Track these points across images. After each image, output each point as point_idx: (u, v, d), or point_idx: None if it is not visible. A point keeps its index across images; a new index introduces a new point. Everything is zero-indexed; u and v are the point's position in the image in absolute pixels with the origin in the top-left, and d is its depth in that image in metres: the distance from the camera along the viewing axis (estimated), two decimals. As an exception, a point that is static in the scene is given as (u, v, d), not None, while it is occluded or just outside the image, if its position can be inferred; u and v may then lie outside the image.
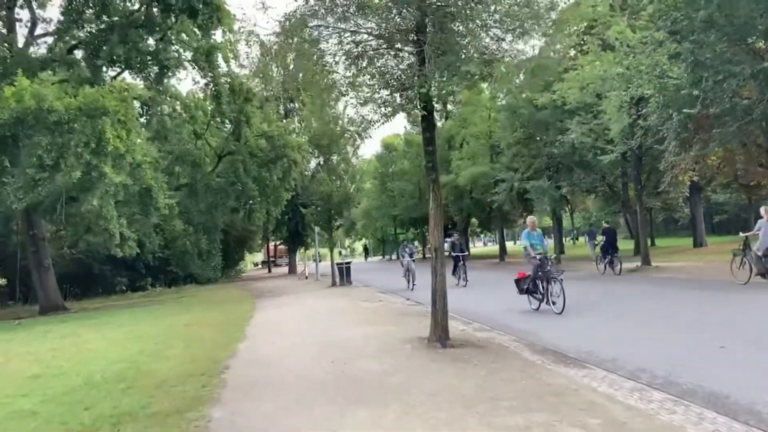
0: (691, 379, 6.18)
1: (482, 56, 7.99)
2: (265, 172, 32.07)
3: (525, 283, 12.67)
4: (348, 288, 24.60)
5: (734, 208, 46.35)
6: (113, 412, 6.46)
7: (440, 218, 8.86)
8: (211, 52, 26.34)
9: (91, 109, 19.31)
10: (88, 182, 19.53)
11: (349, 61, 8.92)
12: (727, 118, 15.67)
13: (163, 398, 6.90)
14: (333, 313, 14.87)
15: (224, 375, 8.02)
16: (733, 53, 14.20)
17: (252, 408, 6.19)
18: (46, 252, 25.67)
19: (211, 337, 12.13)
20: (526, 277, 12.66)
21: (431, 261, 9.12)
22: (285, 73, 29.84)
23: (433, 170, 8.89)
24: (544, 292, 12.10)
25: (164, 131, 28.68)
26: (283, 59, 9.75)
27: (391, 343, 9.36)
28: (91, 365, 9.67)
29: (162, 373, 8.40)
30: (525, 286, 12.63)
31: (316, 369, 7.83)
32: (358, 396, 6.25)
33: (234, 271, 52.56)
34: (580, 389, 5.99)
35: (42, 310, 24.54)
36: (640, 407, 5.33)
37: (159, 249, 32.06)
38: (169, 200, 23.92)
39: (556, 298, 11.71)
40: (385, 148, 63.28)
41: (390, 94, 8.75)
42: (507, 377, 6.63)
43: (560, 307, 11.53)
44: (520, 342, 9.05)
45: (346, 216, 31.26)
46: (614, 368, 6.94)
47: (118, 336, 13.59)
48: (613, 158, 22.10)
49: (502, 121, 32.48)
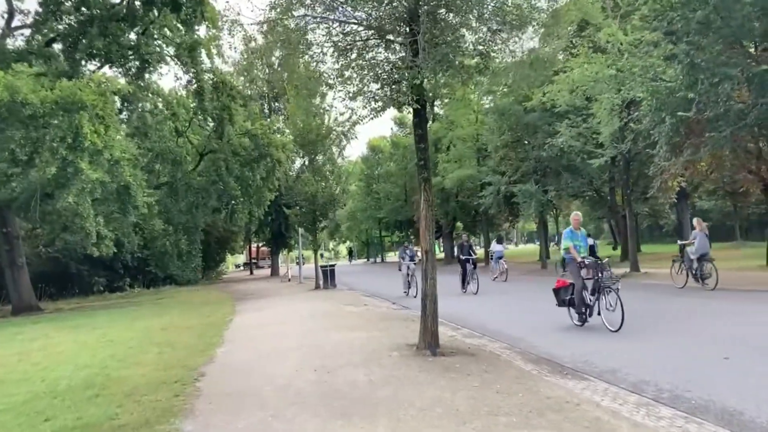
0: (699, 393, 5.78)
1: (478, 48, 7.56)
2: (248, 172, 31.42)
3: (566, 292, 10.61)
4: (332, 291, 24.10)
5: (719, 215, 46.41)
6: (76, 423, 5.94)
7: (432, 219, 8.41)
8: (195, 48, 25.70)
9: (68, 103, 18.64)
10: (63, 178, 18.87)
11: (338, 53, 8.46)
12: (720, 123, 15.40)
13: (132, 408, 6.38)
14: (316, 317, 14.36)
15: (199, 383, 7.51)
16: (728, 56, 13.93)
17: (227, 421, 5.68)
18: (20, 250, 24.89)
19: (187, 341, 11.57)
20: (567, 285, 10.61)
21: (422, 264, 8.66)
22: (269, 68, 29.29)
23: (425, 168, 8.44)
24: (591, 304, 10.12)
25: (144, 128, 27.92)
26: (268, 51, 9.28)
27: (378, 350, 8.88)
28: (58, 370, 9.09)
29: (133, 381, 7.86)
30: (566, 297, 10.59)
31: (298, 378, 7.33)
32: (343, 410, 5.76)
33: (215, 272, 51.79)
34: (581, 404, 5.56)
35: (14, 311, 23.81)
36: (648, 425, 4.91)
37: (138, 249, 31.35)
38: (148, 198, 23.25)
39: (610, 313, 9.69)
40: (371, 150, 62.95)
41: (381, 87, 8.29)
42: (502, 389, 6.18)
43: (616, 322, 9.41)
44: (511, 350, 8.63)
45: (330, 218, 30.73)
46: (615, 380, 6.53)
47: (91, 339, 12.98)
48: (603, 162, 21.83)
49: (490, 123, 32.17)
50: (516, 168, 29.47)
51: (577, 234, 10.67)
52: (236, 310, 18.30)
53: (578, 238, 10.61)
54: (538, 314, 12.68)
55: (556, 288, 10.91)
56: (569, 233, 10.65)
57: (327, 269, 26.33)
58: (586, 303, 10.16)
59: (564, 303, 10.68)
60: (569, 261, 10.56)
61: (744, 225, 44.62)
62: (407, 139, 53.57)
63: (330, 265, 27.21)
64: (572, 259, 10.35)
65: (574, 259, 10.28)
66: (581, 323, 10.28)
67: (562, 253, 11.09)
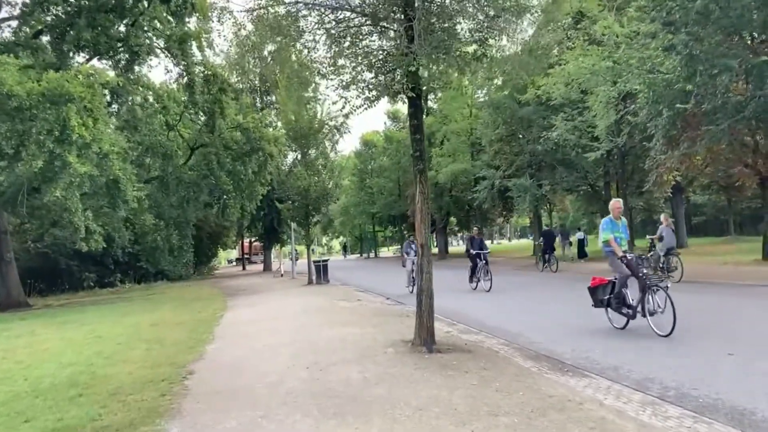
0: (706, 390, 5.56)
1: (475, 35, 7.30)
2: (240, 166, 31.05)
3: (604, 292, 9.38)
4: (325, 286, 23.87)
5: (712, 209, 46.45)
6: (56, 425, 5.68)
7: (427, 212, 8.16)
8: (185, 40, 25.28)
9: (55, 95, 18.25)
10: (50, 172, 18.50)
11: (330, 41, 8.19)
12: (718, 115, 15.24)
13: (117, 409, 6.12)
14: (309, 313, 14.11)
15: (187, 381, 7.25)
16: (727, 47, 13.73)
17: (215, 421, 5.43)
18: (8, 245, 24.52)
19: (177, 337, 11.30)
20: (606, 283, 9.41)
21: (417, 258, 8.42)
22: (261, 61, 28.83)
23: (420, 160, 8.18)
24: (635, 304, 8.81)
25: (134, 121, 27.49)
26: (259, 43, 9.00)
27: (372, 346, 8.64)
28: (42, 369, 8.82)
29: (119, 379, 7.60)
30: (604, 297, 9.35)
31: (290, 376, 7.08)
32: (336, 409, 5.52)
33: (207, 268, 51.50)
34: (584, 402, 5.33)
35: (2, 307, 23.45)
36: (656, 425, 4.68)
37: (129, 244, 31.01)
38: (138, 193, 22.88)
39: (658, 314, 8.41)
40: (364, 144, 62.70)
41: (375, 76, 8.02)
42: (502, 387, 5.95)
43: (666, 326, 8.14)
44: (509, 346, 8.40)
45: (323, 212, 30.46)
46: (618, 377, 6.31)
47: (78, 336, 12.69)
48: (598, 156, 21.64)
49: (484, 117, 31.95)
50: (511, 162, 29.28)
51: (617, 224, 9.32)
52: (228, 305, 18.05)
53: (618, 229, 9.30)
54: (538, 311, 12.50)
55: (592, 286, 9.66)
56: (608, 223, 9.30)
57: (320, 264, 26.11)
58: (628, 303, 8.93)
59: (601, 304, 9.42)
60: (609, 255, 9.35)
61: (737, 219, 44.65)
62: (401, 134, 53.38)
63: (323, 261, 26.98)
64: (612, 253, 9.12)
65: (615, 253, 9.02)
66: (623, 326, 9.11)
67: (600, 246, 9.68)
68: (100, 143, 19.40)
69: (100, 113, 19.99)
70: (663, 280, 8.75)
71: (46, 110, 18.06)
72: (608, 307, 9.32)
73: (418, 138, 8.18)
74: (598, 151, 21.25)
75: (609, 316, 9.41)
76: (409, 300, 14.53)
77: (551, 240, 24.61)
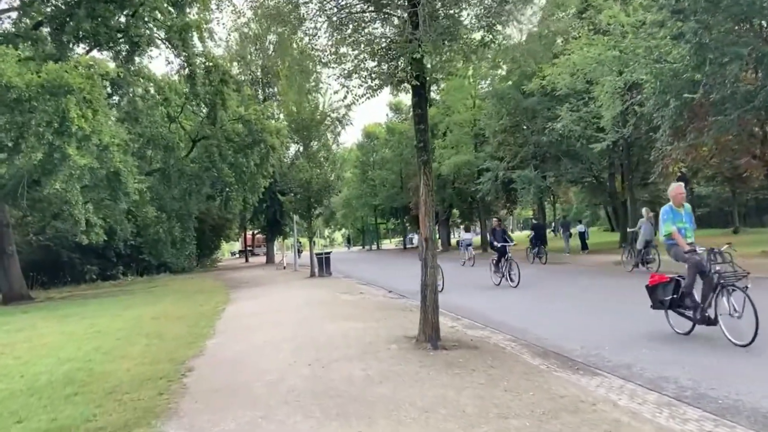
0: (725, 391, 5.34)
1: (482, 20, 7.05)
2: (242, 158, 30.78)
3: (666, 291, 7.98)
4: (327, 279, 23.71)
5: (716, 201, 46.08)
6: (49, 426, 5.49)
7: (432, 204, 7.92)
8: (186, 30, 24.97)
9: (54, 87, 18.00)
10: (50, 164, 18.28)
11: (332, 29, 7.95)
12: (726, 105, 14.95)
13: (112, 408, 5.93)
14: (311, 307, 13.93)
15: (186, 379, 7.07)
16: (738, 35, 13.43)
17: (213, 423, 5.24)
18: (9, 238, 24.38)
19: (178, 332, 11.13)
20: (667, 281, 8.03)
21: (420, 251, 8.19)
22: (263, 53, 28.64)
23: (425, 150, 7.95)
24: (706, 306, 7.43)
25: (135, 113, 27.19)
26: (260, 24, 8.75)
27: (375, 342, 8.44)
28: (40, 365, 8.64)
29: (116, 376, 7.41)
30: (666, 297, 7.94)
31: (291, 373, 6.89)
32: (339, 410, 5.32)
33: (209, 260, 51.43)
34: (597, 403, 5.12)
35: (5, 300, 23.38)
36: (674, 428, 4.47)
37: (131, 236, 30.84)
38: (139, 185, 22.64)
39: (734, 319, 7.04)
40: (366, 136, 62.39)
41: (378, 64, 7.78)
42: (510, 387, 5.74)
43: (746, 334, 6.81)
44: (517, 342, 8.19)
45: (325, 204, 30.27)
46: (630, 376, 6.10)
47: (78, 330, 12.53)
48: (604, 147, 21.35)
49: (488, 108, 31.64)
50: (515, 153, 28.99)
51: (680, 213, 8.00)
52: (230, 298, 17.90)
53: (682, 218, 7.97)
54: (541, 306, 12.30)
55: (651, 285, 8.28)
56: (669, 212, 7.97)
57: (322, 257, 25.97)
58: (696, 304, 7.57)
59: (662, 305, 8.07)
60: (671, 248, 7.97)
61: (741, 211, 44.28)
62: (403, 125, 53.05)
63: (325, 253, 26.82)
64: (676, 245, 7.83)
65: (680, 246, 7.71)
66: (687, 332, 7.84)
67: (662, 239, 8.26)
68: (100, 135, 19.16)
69: (100, 105, 19.74)
70: (740, 279, 7.28)
71: (45, 102, 17.82)
72: (670, 309, 7.99)
73: (422, 128, 7.95)
74: (603, 142, 20.96)
75: (670, 320, 8.10)
76: (411, 293, 14.35)
77: (541, 233, 25.10)
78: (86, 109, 18.76)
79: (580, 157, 26.76)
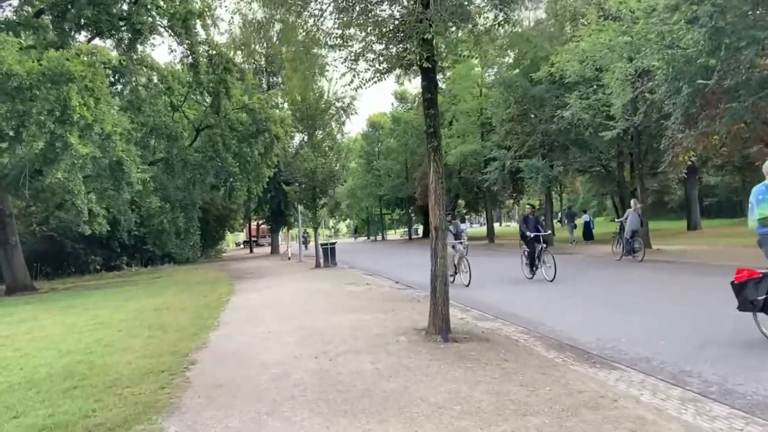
0: (753, 386, 5.08)
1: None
2: (246, 148, 30.50)
3: (758, 289, 6.49)
4: (332, 270, 23.51)
5: (725, 191, 45.69)
6: (46, 422, 5.26)
7: (442, 192, 7.65)
8: (189, 18, 24.62)
9: (56, 75, 17.72)
10: (52, 153, 18.06)
11: (338, 11, 7.66)
12: (741, 92, 14.57)
13: (112, 403, 5.71)
14: (317, 298, 13.72)
15: (189, 372, 6.84)
16: (755, 18, 13.05)
17: (216, 419, 5.01)
18: (13, 229, 24.23)
19: (181, 324, 10.90)
20: (759, 277, 6.54)
21: (431, 242, 7.92)
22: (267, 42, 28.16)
23: (435, 136, 7.67)
24: None
25: (138, 101, 26.91)
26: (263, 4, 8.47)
27: (383, 334, 8.20)
28: (40, 357, 8.44)
29: (117, 369, 7.19)
30: (759, 297, 6.45)
31: (297, 367, 6.66)
32: (348, 406, 5.08)
33: (214, 250, 51.30)
34: (619, 399, 4.87)
35: (8, 291, 23.27)
36: (703, 426, 4.22)
37: (135, 227, 30.70)
38: (142, 175, 22.41)
39: None
40: (371, 126, 62.06)
41: (386, 47, 7.50)
42: (526, 381, 5.50)
43: None
44: (529, 334, 7.93)
45: (330, 194, 30.03)
46: (651, 370, 5.84)
47: (80, 321, 12.32)
48: (614, 135, 20.98)
49: (495, 97, 31.21)
50: (522, 142, 28.58)
51: None
52: (234, 289, 17.69)
53: None
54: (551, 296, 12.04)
55: (737, 282, 6.72)
56: (764, 191, 6.55)
57: (327, 247, 25.76)
58: None
59: (752, 306, 6.57)
60: (766, 238, 6.57)
61: (751, 201, 43.85)
62: (408, 115, 52.68)
63: (331, 243, 26.60)
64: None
65: None
66: None
67: (753, 225, 6.73)
68: (102, 124, 18.90)
69: (102, 93, 19.46)
70: None
71: (46, 90, 17.55)
72: (762, 312, 6.55)
73: (432, 113, 7.67)
74: (613, 130, 20.58)
75: (759, 323, 6.69)
76: (418, 283, 14.13)
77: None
78: (88, 98, 18.49)
79: (588, 146, 26.35)
